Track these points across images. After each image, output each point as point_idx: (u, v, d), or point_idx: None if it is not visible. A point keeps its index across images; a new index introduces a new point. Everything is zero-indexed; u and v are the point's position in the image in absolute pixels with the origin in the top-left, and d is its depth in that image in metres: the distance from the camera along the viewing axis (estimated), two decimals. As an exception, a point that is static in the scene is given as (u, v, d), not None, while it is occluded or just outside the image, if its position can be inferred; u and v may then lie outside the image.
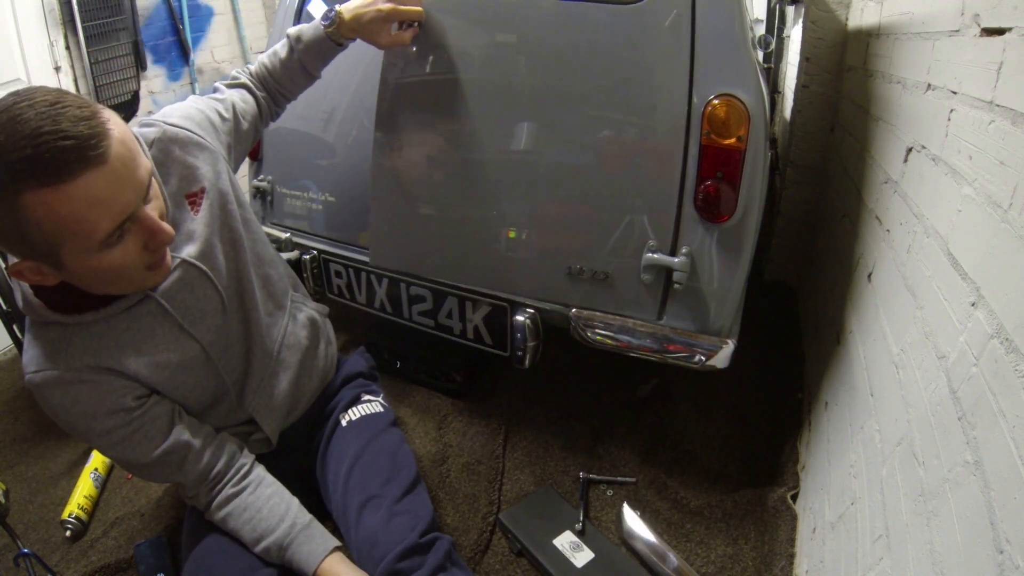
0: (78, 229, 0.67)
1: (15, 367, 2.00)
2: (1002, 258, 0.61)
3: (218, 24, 3.05)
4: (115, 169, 0.67)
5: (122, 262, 0.74)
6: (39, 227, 0.66)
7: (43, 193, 0.63)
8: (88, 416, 0.84)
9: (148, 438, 0.89)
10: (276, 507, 0.96)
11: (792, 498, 1.28)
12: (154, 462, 0.90)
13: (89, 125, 0.65)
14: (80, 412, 0.84)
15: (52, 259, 0.71)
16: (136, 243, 0.75)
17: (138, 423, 0.87)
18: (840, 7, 1.85)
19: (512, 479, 1.41)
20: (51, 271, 0.73)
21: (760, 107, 1.07)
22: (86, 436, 0.88)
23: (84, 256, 0.71)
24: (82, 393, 0.83)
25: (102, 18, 2.40)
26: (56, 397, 0.82)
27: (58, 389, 0.82)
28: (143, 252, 0.76)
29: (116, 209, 0.69)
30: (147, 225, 0.74)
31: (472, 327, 1.43)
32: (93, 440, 0.89)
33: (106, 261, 0.73)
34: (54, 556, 1.28)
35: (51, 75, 2.30)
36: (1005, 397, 0.55)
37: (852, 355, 1.16)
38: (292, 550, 0.94)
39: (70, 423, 0.85)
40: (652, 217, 1.18)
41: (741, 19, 1.08)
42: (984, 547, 0.53)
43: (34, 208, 0.64)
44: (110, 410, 0.85)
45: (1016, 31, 0.65)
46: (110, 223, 0.69)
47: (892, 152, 1.14)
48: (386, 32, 1.16)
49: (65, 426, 0.86)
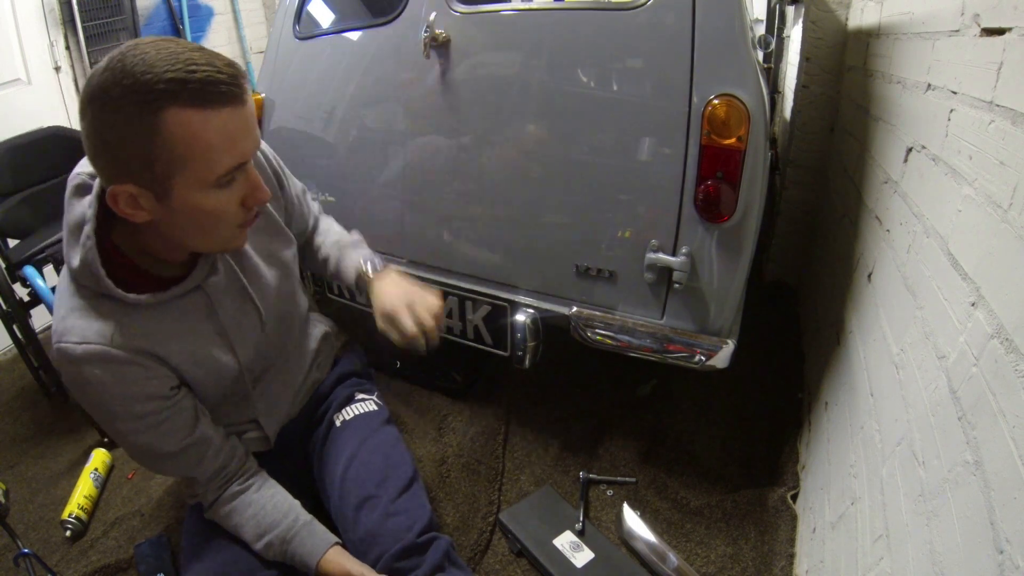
0: (204, 157, 0.70)
1: (15, 367, 2.00)
2: (1002, 258, 0.61)
3: (218, 24, 3.05)
4: (248, 115, 0.73)
5: (222, 209, 0.77)
6: (170, 146, 0.68)
7: (186, 113, 0.67)
8: (126, 398, 0.82)
9: (176, 428, 0.88)
10: (280, 504, 0.97)
11: (792, 498, 1.28)
12: (177, 453, 0.89)
13: (235, 69, 0.71)
14: (119, 393, 0.81)
15: (162, 186, 0.71)
16: (237, 195, 0.78)
17: (168, 412, 0.86)
18: (840, 7, 1.85)
19: (512, 479, 1.41)
20: (149, 203, 0.73)
21: (760, 107, 1.07)
22: (115, 418, 0.84)
23: (194, 190, 0.73)
24: (127, 374, 0.81)
25: (102, 18, 2.40)
26: (96, 373, 0.79)
27: (102, 365, 0.79)
28: (239, 208, 0.79)
29: (239, 150, 0.73)
30: (252, 179, 0.78)
31: (472, 327, 1.43)
32: (120, 423, 0.85)
33: (210, 202, 0.75)
34: (54, 556, 1.28)
35: (51, 75, 2.30)
36: (1005, 397, 0.55)
37: (852, 355, 1.16)
38: (295, 544, 0.94)
39: (101, 403, 0.82)
40: (654, 217, 1.19)
41: (741, 19, 1.08)
42: (984, 547, 0.53)
43: (173, 126, 0.67)
44: (149, 395, 0.84)
45: (1016, 31, 0.65)
46: (231, 161, 0.73)
47: (892, 152, 1.14)
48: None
49: (93, 404, 0.83)
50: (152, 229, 0.78)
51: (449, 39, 1.29)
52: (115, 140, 0.68)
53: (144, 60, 0.65)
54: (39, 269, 1.64)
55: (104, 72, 0.66)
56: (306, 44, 1.58)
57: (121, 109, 0.65)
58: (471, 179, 1.36)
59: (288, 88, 1.61)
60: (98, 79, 0.66)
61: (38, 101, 2.25)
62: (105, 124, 0.67)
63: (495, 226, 1.36)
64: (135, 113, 0.66)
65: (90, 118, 0.68)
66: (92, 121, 0.68)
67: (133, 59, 0.65)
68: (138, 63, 0.65)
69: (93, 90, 0.66)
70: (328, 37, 1.58)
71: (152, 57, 0.65)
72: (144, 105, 0.65)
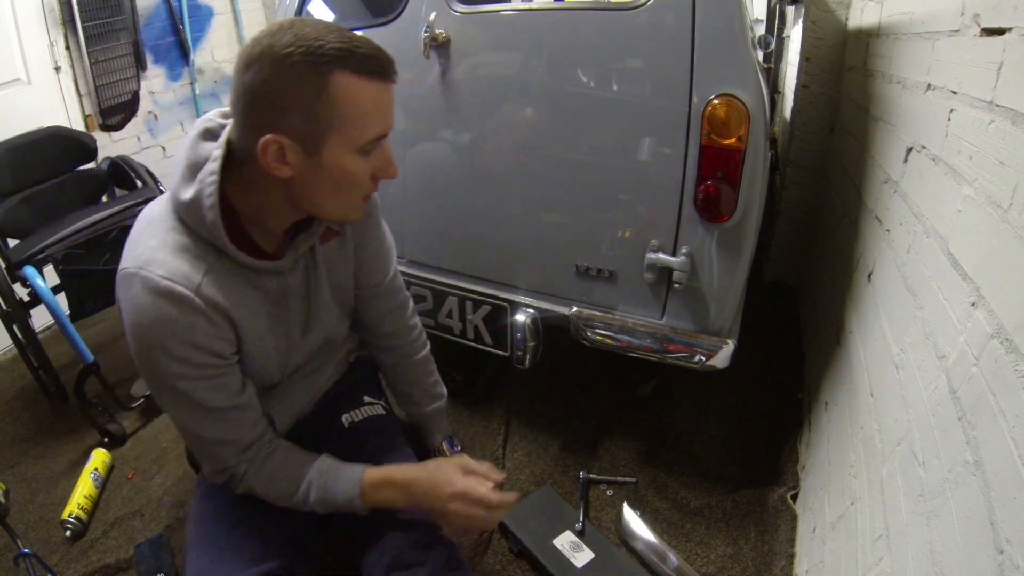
0: (358, 122, 0.77)
1: (15, 367, 2.00)
2: (1002, 258, 0.61)
3: (218, 24, 3.05)
4: (393, 95, 0.81)
5: (358, 174, 0.82)
6: (331, 104, 0.74)
7: (351, 78, 0.74)
8: (192, 346, 0.80)
9: (227, 386, 0.87)
10: (308, 457, 0.96)
11: (792, 498, 1.28)
12: (225, 411, 0.87)
13: (388, 54, 0.79)
14: (186, 339, 0.80)
15: (314, 141, 0.76)
16: (371, 165, 0.83)
17: (224, 371, 0.86)
18: (840, 7, 1.85)
19: (512, 479, 1.41)
20: (297, 157, 0.77)
21: (760, 107, 1.07)
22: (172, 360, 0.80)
23: (343, 150, 0.78)
24: (199, 325, 0.80)
25: (102, 18, 2.40)
26: (172, 313, 0.77)
27: (180, 307, 0.78)
28: (369, 180, 0.85)
29: (386, 122, 0.81)
30: (386, 154, 0.84)
31: (472, 327, 1.43)
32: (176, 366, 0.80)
33: (352, 165, 0.80)
34: (54, 556, 1.28)
35: (51, 75, 2.30)
36: (1005, 397, 0.55)
37: (852, 355, 1.16)
38: (334, 473, 0.94)
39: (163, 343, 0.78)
40: (654, 217, 1.19)
41: (741, 19, 1.08)
42: (984, 547, 0.53)
43: (338, 87, 0.74)
44: (212, 352, 0.83)
45: (1016, 31, 0.65)
46: (378, 130, 0.80)
47: (892, 152, 1.14)
48: None
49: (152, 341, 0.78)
50: (278, 189, 0.81)
51: (449, 39, 1.29)
52: (282, 92, 0.73)
53: (315, 28, 0.73)
54: (39, 269, 1.64)
55: (275, 34, 0.73)
56: (306, 44, 1.58)
57: (294, 66, 0.72)
58: (471, 179, 1.37)
59: (288, 88, 1.61)
60: (269, 39, 0.72)
61: (38, 101, 2.25)
62: (275, 76, 0.72)
63: (495, 226, 1.37)
64: (307, 71, 0.72)
65: (258, 70, 0.72)
66: (260, 73, 0.73)
67: (303, 27, 0.73)
68: (309, 31, 0.73)
69: (264, 48, 0.72)
70: (328, 37, 1.58)
71: (322, 28, 0.74)
72: (316, 65, 0.72)
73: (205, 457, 0.93)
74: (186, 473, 1.49)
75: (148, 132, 2.75)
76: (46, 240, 1.65)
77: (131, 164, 2.05)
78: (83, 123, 2.43)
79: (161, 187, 1.99)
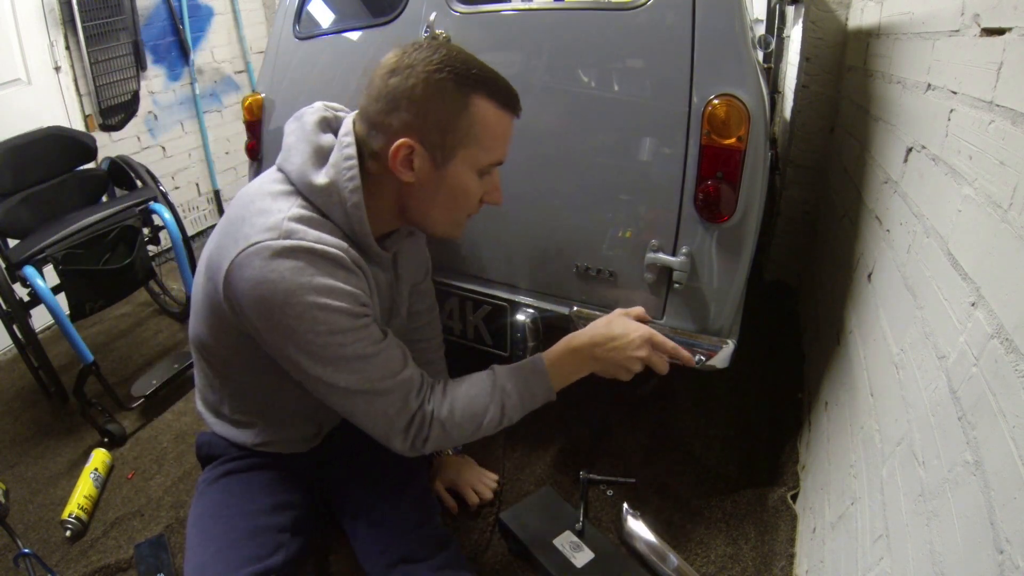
0: (487, 144, 0.85)
1: (15, 367, 2.00)
2: (1002, 258, 0.61)
3: (218, 24, 3.05)
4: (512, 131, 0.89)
5: (471, 193, 0.88)
6: (470, 124, 0.82)
7: (489, 104, 0.83)
8: (353, 296, 0.82)
9: (375, 334, 0.85)
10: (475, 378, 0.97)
11: (792, 498, 1.28)
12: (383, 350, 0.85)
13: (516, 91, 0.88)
14: (348, 290, 0.81)
15: (446, 152, 0.83)
16: (483, 188, 0.90)
17: (372, 320, 0.86)
18: (840, 7, 1.85)
19: (512, 479, 1.41)
20: (424, 164, 0.83)
21: (760, 107, 1.07)
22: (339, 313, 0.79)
23: (466, 168, 0.85)
24: (353, 280, 0.83)
25: (102, 18, 2.40)
26: (329, 266, 0.79)
27: (334, 264, 0.80)
28: (477, 202, 0.91)
29: (504, 152, 0.89)
30: (496, 181, 0.92)
31: (472, 327, 1.43)
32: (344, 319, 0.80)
33: (469, 185, 0.87)
34: (54, 556, 1.28)
35: (51, 75, 2.30)
36: (1005, 397, 0.55)
37: (852, 355, 1.16)
38: (520, 379, 0.97)
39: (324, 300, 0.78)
40: (654, 217, 1.19)
41: (741, 19, 1.08)
42: (984, 547, 0.53)
43: (477, 109, 0.82)
44: (365, 303, 0.85)
45: (1016, 31, 0.65)
46: (499, 156, 0.88)
47: (892, 152, 1.14)
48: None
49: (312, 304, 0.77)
50: (391, 192, 0.87)
51: (449, 39, 1.29)
52: (425, 101, 0.79)
53: (462, 53, 0.82)
54: (39, 269, 1.64)
55: (425, 50, 0.80)
56: (306, 44, 1.58)
57: (442, 81, 0.79)
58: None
59: (288, 88, 1.61)
60: (419, 53, 0.80)
61: (38, 101, 2.24)
62: (423, 86, 0.79)
63: (495, 226, 1.36)
64: (453, 88, 0.80)
65: (405, 77, 0.79)
66: (407, 80, 0.79)
67: (451, 50, 0.81)
68: (457, 55, 0.81)
69: (414, 60, 0.79)
70: (328, 37, 1.58)
71: (468, 55, 0.83)
72: (462, 85, 0.80)
73: (393, 416, 0.87)
74: (186, 473, 1.49)
75: (148, 132, 2.75)
76: (46, 240, 1.65)
77: (131, 164, 2.04)
78: (83, 123, 2.43)
79: (161, 187, 1.98)
